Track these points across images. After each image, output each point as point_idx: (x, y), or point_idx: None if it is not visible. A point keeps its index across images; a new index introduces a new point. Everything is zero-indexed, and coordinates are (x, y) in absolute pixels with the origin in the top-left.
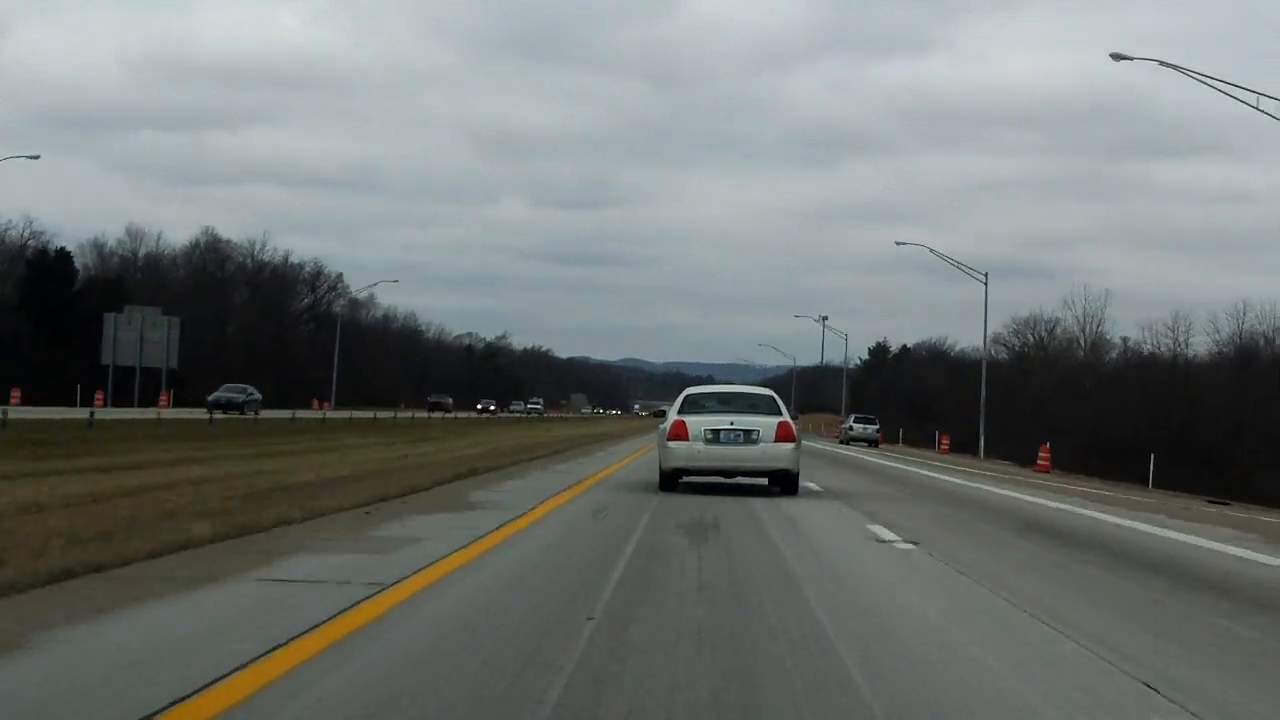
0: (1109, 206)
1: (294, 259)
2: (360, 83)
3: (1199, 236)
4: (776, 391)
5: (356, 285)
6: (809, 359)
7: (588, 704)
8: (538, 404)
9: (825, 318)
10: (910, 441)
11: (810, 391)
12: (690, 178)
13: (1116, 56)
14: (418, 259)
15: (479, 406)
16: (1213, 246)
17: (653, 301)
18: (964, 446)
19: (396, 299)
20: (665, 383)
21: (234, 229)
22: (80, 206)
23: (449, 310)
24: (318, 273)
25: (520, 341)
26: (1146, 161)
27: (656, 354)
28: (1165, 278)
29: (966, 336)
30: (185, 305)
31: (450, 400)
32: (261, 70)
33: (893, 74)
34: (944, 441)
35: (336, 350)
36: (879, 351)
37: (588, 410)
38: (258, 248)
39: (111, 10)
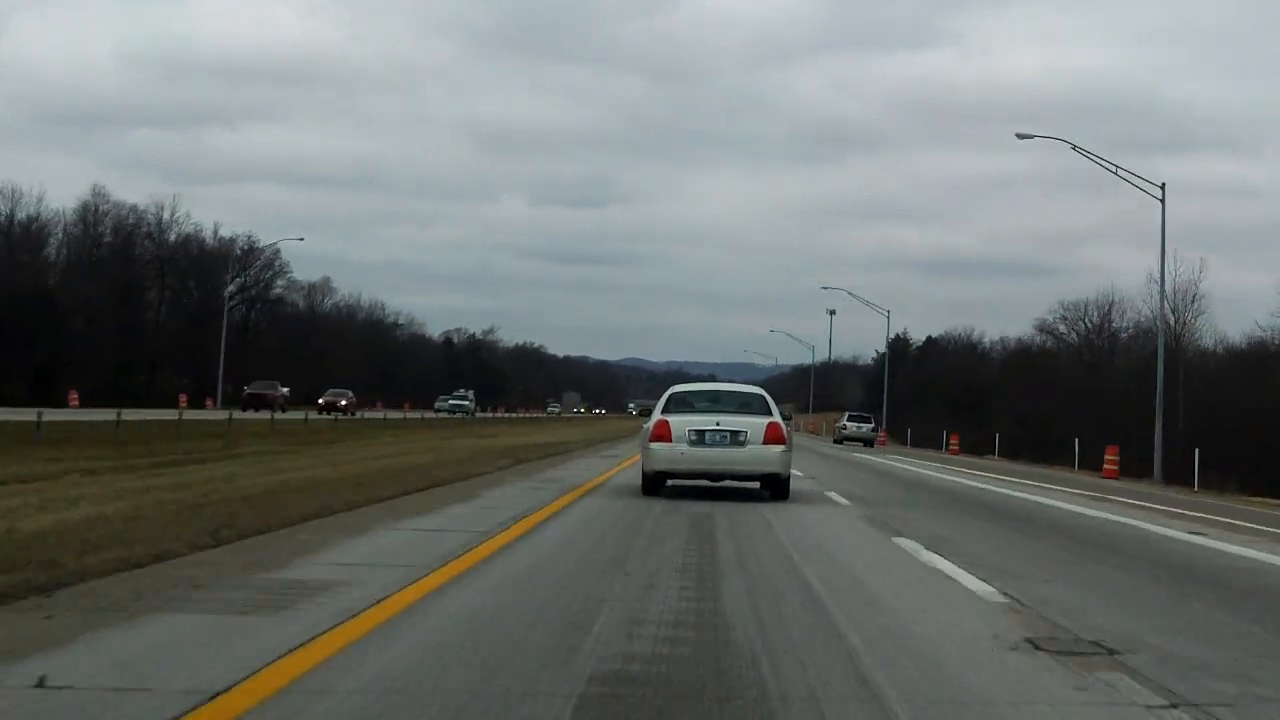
0: (1114, 204)
1: (224, 232)
2: (359, 80)
3: (1203, 233)
4: (789, 391)
5: (353, 283)
6: (818, 355)
7: None
8: (465, 399)
9: (834, 311)
10: (1007, 454)
11: (819, 389)
12: (691, 175)
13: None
14: (418, 258)
15: (321, 401)
16: (1215, 243)
17: (653, 300)
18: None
19: (391, 296)
20: (666, 382)
21: (229, 224)
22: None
23: (448, 309)
24: (250, 249)
25: (517, 339)
26: (1151, 158)
27: (658, 353)
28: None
29: (990, 329)
30: (74, 279)
31: (283, 394)
32: (260, 66)
33: (896, 69)
34: (1110, 458)
35: (223, 335)
36: (899, 344)
37: (556, 409)
38: (168, 214)
39: (109, 5)
